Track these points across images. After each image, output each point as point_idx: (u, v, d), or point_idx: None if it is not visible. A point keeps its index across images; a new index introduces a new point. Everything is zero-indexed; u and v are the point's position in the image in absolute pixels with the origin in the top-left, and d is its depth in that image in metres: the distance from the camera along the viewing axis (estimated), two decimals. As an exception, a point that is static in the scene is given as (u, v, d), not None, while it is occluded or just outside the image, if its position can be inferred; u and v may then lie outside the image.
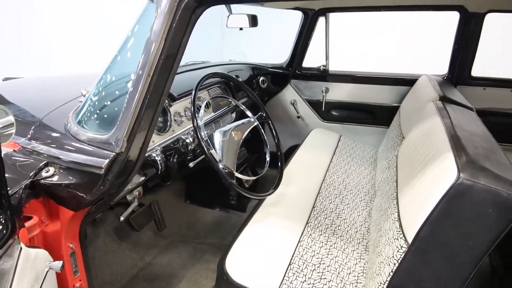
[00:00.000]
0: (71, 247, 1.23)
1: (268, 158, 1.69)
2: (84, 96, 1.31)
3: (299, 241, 1.45)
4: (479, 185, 0.87)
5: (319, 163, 2.14)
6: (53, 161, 1.16)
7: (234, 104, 2.01)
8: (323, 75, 2.70)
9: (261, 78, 2.65)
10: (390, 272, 1.03)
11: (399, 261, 1.00)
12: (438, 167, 1.03)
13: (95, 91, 1.26)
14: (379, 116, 2.60)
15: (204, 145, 1.34)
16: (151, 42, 1.02)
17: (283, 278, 1.27)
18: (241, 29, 1.99)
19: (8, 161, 1.17)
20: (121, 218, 1.67)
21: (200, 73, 1.67)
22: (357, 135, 2.71)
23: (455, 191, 0.89)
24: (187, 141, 1.65)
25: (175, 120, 1.67)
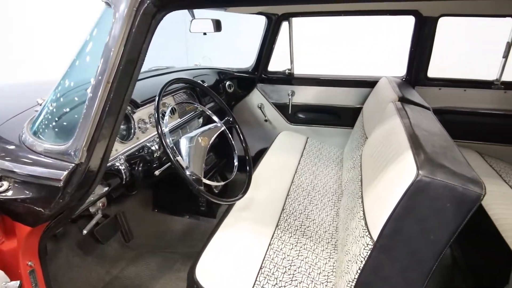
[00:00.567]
0: (30, 265, 1.16)
1: (236, 162, 1.69)
2: (40, 105, 1.25)
3: (269, 244, 1.45)
4: (437, 181, 0.91)
5: (287, 165, 2.16)
6: (7, 175, 1.09)
7: (201, 110, 1.99)
8: (288, 78, 2.74)
9: (228, 83, 2.64)
10: (358, 269, 1.05)
11: (366, 258, 1.03)
12: (399, 165, 1.07)
13: (52, 99, 1.20)
14: (344, 117, 2.67)
15: (169, 152, 1.31)
16: (110, 48, 0.98)
17: (254, 283, 1.26)
18: (205, 34, 1.98)
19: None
20: (84, 231, 1.60)
21: (165, 79, 1.64)
22: (323, 136, 2.76)
23: (415, 188, 0.92)
24: (153, 148, 1.61)
25: (139, 128, 1.63)
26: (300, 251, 1.45)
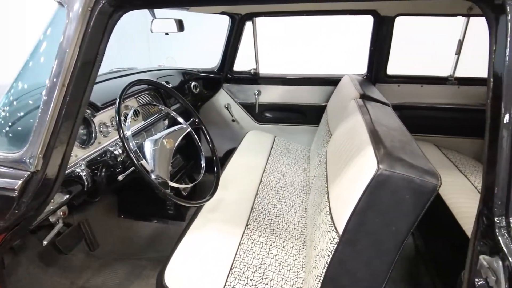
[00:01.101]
0: (-16, 281, 1.09)
1: (203, 164, 1.67)
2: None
3: (239, 244, 1.45)
4: (396, 174, 0.95)
5: (255, 164, 2.17)
6: None
7: (166, 111, 1.96)
8: (254, 78, 2.75)
9: (193, 83, 2.61)
10: (325, 264, 1.08)
11: (332, 252, 1.05)
12: (360, 160, 1.10)
13: (4, 103, 1.13)
14: (309, 115, 2.72)
15: (132, 156, 1.28)
16: (64, 49, 0.94)
17: (224, 284, 1.26)
18: (167, 34, 1.94)
19: None
20: (44, 242, 1.52)
21: (126, 81, 1.59)
22: (290, 134, 2.80)
23: (376, 182, 0.96)
24: (116, 152, 1.56)
25: (101, 132, 1.57)
26: (270, 249, 1.46)
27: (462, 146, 2.49)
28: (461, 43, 2.36)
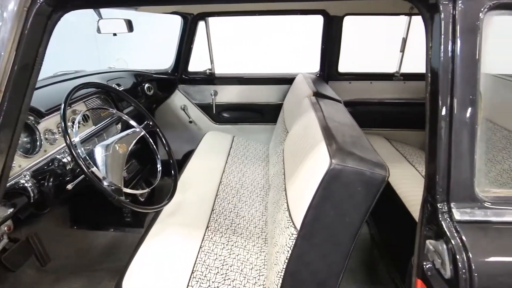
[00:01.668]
0: None
1: (160, 167, 1.63)
2: None
3: (200, 247, 1.43)
4: (348, 168, 0.98)
5: (214, 165, 2.16)
6: None
7: (118, 115, 1.88)
8: (210, 78, 2.72)
9: (146, 85, 2.54)
10: (285, 259, 1.10)
11: (292, 248, 1.07)
12: (314, 156, 1.14)
13: None
14: (267, 114, 2.75)
15: (81, 164, 1.21)
16: None
17: None
18: (115, 35, 1.87)
19: None
20: None
21: (73, 84, 1.51)
22: (249, 134, 2.81)
23: (329, 177, 0.99)
24: (64, 160, 1.47)
25: (47, 139, 1.48)
26: (232, 249, 1.46)
27: (409, 138, 2.64)
28: (404, 41, 2.50)
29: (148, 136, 1.63)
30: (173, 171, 1.61)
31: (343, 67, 2.64)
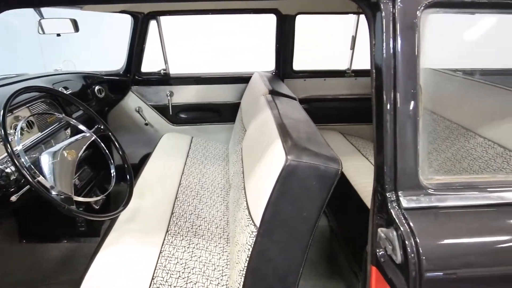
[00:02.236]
0: None
1: (113, 173, 1.57)
2: None
3: (160, 252, 1.40)
4: (303, 163, 1.01)
5: (173, 168, 2.11)
6: None
7: (65, 120, 1.78)
8: (165, 79, 2.66)
9: (97, 87, 2.42)
10: (246, 257, 1.10)
11: (252, 245, 1.08)
12: (271, 154, 1.15)
13: None
14: (225, 113, 2.74)
15: (26, 173, 1.14)
16: None
17: None
18: (58, 35, 1.76)
19: None
20: None
21: (14, 88, 1.41)
22: (208, 134, 2.78)
23: (285, 173, 1.01)
24: (7, 171, 1.37)
25: (-15, 148, 1.37)
26: (193, 251, 1.44)
27: (363, 131, 2.75)
28: (354, 38, 2.60)
29: (99, 141, 1.56)
30: (128, 176, 1.55)
31: (298, 65, 2.69)
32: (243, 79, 2.64)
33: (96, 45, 4.38)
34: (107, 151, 1.59)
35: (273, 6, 2.41)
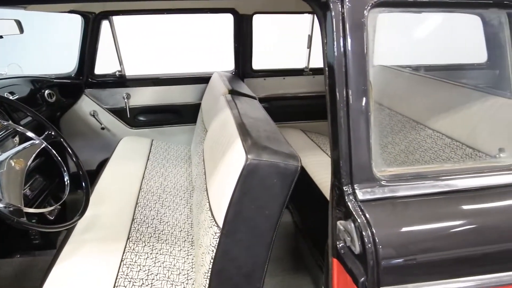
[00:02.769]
0: None
1: (67, 181, 1.49)
2: None
3: (121, 260, 1.35)
4: (263, 162, 1.02)
5: (133, 172, 2.05)
6: None
7: (11, 127, 1.67)
8: (121, 81, 2.57)
9: (47, 92, 2.29)
10: (211, 259, 1.09)
11: (216, 247, 1.07)
12: (231, 153, 1.15)
13: None
14: (186, 114, 2.69)
15: None
16: None
17: None
18: (1, 37, 1.65)
19: None
20: None
21: None
22: (169, 136, 2.73)
23: (246, 172, 1.01)
24: None
25: None
26: (157, 257, 1.41)
27: (322, 128, 2.83)
28: (310, 37, 2.66)
29: (50, 148, 1.48)
30: (83, 183, 1.49)
31: (256, 64, 2.70)
32: (203, 79, 2.61)
33: (45, 46, 4.14)
34: (59, 158, 1.51)
35: (230, 6, 2.40)
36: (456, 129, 1.64)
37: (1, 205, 1.14)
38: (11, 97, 1.89)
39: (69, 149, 1.53)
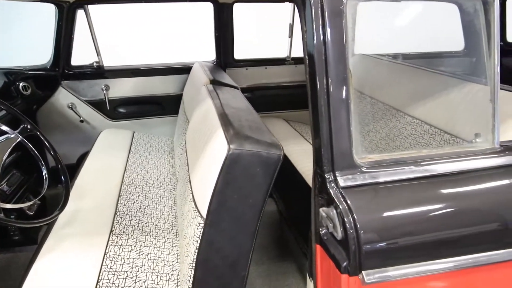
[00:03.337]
0: None
1: (45, 175, 1.46)
2: None
3: (105, 254, 1.34)
4: (245, 151, 1.01)
5: (114, 165, 2.02)
6: None
7: None
8: (99, 72, 2.51)
9: (22, 84, 2.21)
10: (195, 249, 1.09)
11: (200, 237, 1.08)
12: (213, 144, 1.14)
13: None
14: (167, 105, 2.66)
15: None
16: None
17: None
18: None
19: None
20: None
21: None
22: (150, 128, 2.69)
23: (229, 162, 1.01)
24: None
25: None
26: (141, 249, 1.40)
27: (305, 117, 2.84)
28: (291, 26, 2.65)
29: (26, 142, 1.44)
30: (63, 177, 1.45)
31: (237, 53, 2.68)
32: (184, 70, 2.57)
33: (17, 37, 3.99)
34: (36, 152, 1.47)
35: None
36: (434, 116, 1.68)
37: (-24, 201, 1.10)
38: None
39: (46, 143, 1.49)
